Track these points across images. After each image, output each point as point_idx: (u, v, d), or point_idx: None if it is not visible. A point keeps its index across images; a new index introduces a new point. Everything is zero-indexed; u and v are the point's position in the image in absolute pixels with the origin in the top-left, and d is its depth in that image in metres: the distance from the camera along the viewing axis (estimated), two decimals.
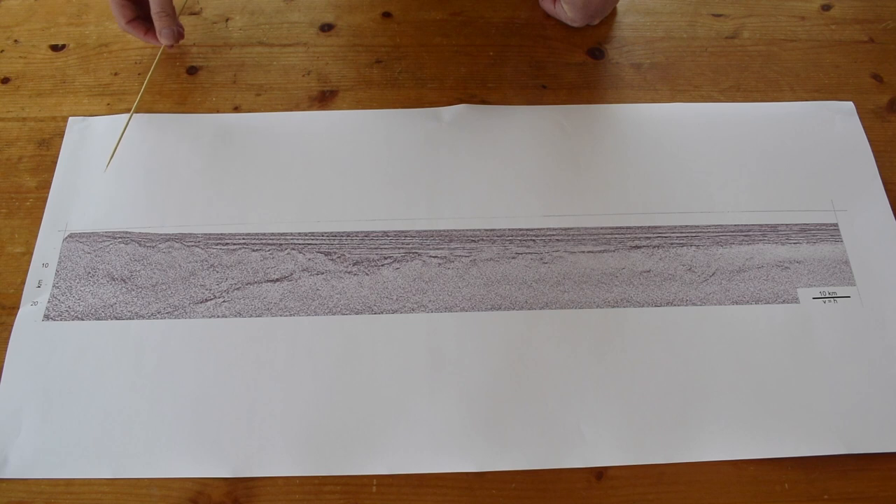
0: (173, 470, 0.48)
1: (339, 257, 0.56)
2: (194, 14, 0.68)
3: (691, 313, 0.54)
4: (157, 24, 0.61)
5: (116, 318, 0.53)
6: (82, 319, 0.53)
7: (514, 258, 0.56)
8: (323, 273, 0.55)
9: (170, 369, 0.51)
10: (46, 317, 0.53)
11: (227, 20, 0.68)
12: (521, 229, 0.57)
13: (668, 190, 0.59)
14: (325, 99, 0.64)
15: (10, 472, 0.48)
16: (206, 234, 0.56)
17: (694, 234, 0.57)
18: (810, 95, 0.64)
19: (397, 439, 0.49)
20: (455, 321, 0.53)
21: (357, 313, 0.53)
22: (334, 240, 0.56)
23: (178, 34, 0.63)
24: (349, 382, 0.51)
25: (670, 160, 0.60)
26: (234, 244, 0.56)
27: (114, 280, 0.54)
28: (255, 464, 0.48)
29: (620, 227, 0.57)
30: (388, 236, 0.56)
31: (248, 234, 0.56)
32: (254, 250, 0.56)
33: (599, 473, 0.48)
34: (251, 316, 0.53)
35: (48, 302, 0.53)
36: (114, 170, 0.59)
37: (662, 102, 0.64)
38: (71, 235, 0.56)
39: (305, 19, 0.69)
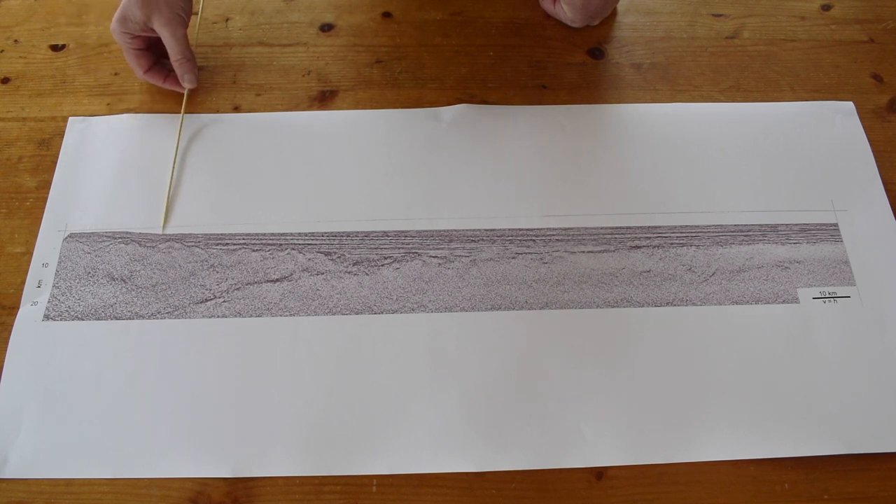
0: (173, 470, 0.48)
1: (339, 257, 0.56)
2: (194, 14, 0.68)
3: (691, 313, 0.54)
4: (178, 69, 0.61)
5: (116, 318, 0.53)
6: (82, 319, 0.53)
7: (514, 258, 0.56)
8: (323, 273, 0.55)
9: (170, 369, 0.51)
10: (46, 317, 0.53)
11: (227, 20, 0.68)
12: (521, 229, 0.57)
13: (668, 190, 0.59)
14: (325, 99, 0.64)
15: (10, 472, 0.48)
16: (206, 234, 0.56)
17: (694, 234, 0.57)
18: (810, 95, 0.64)
19: (397, 439, 0.49)
20: (455, 321, 0.53)
21: (357, 313, 0.53)
22: (334, 240, 0.56)
23: (197, 75, 0.63)
24: (349, 382, 0.51)
25: (670, 160, 0.60)
26: (234, 244, 0.56)
27: (114, 280, 0.54)
28: (255, 464, 0.48)
29: (620, 227, 0.57)
30: (388, 236, 0.56)
31: (248, 234, 0.56)
32: (254, 250, 0.56)
33: (599, 473, 0.48)
34: (251, 316, 0.53)
35: (48, 302, 0.53)
36: (114, 170, 0.59)
37: (662, 102, 0.64)
38: (71, 235, 0.56)
39: (305, 19, 0.69)
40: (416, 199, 0.58)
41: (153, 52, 0.62)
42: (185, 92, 0.62)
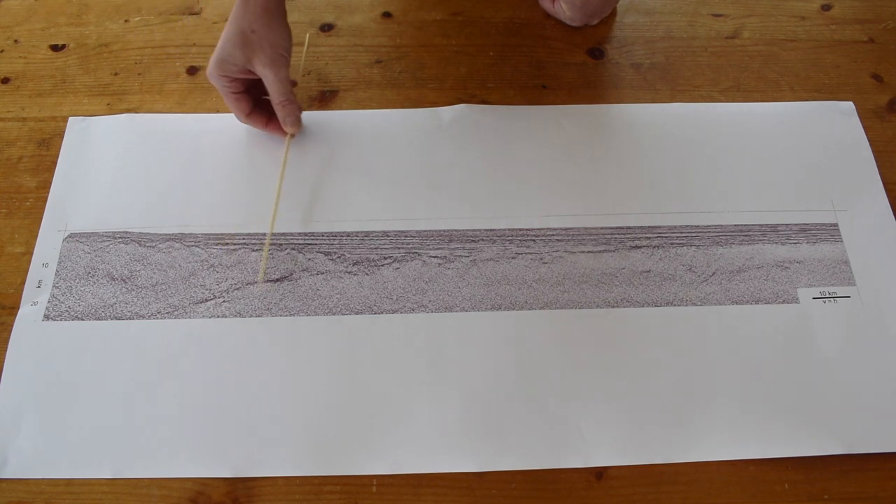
0: (173, 470, 0.48)
1: (339, 257, 0.56)
2: (194, 14, 0.68)
3: (691, 313, 0.54)
4: (280, 112, 0.57)
5: (116, 318, 0.53)
6: (82, 319, 0.53)
7: (514, 258, 0.56)
8: (323, 273, 0.55)
9: (170, 369, 0.51)
10: (46, 317, 0.53)
11: (227, 20, 0.68)
12: (521, 229, 0.57)
13: (668, 190, 0.59)
14: (325, 99, 0.64)
15: (10, 472, 0.48)
16: (206, 234, 0.56)
17: (694, 234, 0.57)
18: (810, 95, 0.64)
19: (397, 439, 0.49)
20: (455, 321, 0.53)
21: (357, 313, 0.53)
22: (334, 240, 0.56)
23: (300, 118, 0.59)
24: (349, 382, 0.51)
25: (670, 160, 0.60)
26: (234, 244, 0.56)
27: (114, 280, 0.54)
28: (255, 464, 0.48)
29: (620, 227, 0.57)
30: (388, 236, 0.56)
31: (248, 234, 0.56)
32: (254, 250, 0.56)
33: (599, 473, 0.48)
34: (251, 316, 0.53)
35: (48, 302, 0.53)
36: (114, 170, 0.59)
37: (662, 102, 0.64)
38: (71, 235, 0.56)
39: (305, 19, 0.68)
40: (416, 199, 0.58)
41: (252, 94, 0.58)
42: (287, 140, 0.58)
